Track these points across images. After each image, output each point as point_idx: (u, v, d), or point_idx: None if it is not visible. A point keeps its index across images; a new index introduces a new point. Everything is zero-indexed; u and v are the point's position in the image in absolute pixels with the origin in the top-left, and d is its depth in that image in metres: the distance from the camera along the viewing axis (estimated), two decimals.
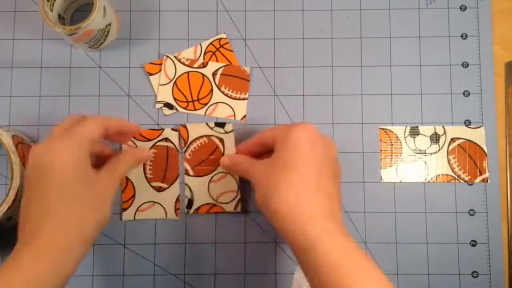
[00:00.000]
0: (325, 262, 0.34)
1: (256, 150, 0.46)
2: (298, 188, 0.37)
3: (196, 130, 0.49)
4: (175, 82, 0.50)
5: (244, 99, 0.50)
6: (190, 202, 0.48)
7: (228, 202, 0.48)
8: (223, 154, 0.49)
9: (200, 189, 0.48)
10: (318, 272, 0.34)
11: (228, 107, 0.50)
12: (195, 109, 0.49)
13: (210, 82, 0.50)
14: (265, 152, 0.45)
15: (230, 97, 0.50)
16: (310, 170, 0.38)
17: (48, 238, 0.35)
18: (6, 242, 0.48)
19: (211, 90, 0.50)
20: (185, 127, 0.49)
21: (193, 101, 0.50)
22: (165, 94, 0.49)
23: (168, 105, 0.49)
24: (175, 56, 0.50)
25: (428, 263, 0.48)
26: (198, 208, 0.48)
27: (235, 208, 0.48)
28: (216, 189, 0.48)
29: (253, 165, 0.43)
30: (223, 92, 0.50)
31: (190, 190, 0.48)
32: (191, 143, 0.49)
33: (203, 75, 0.50)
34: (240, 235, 0.49)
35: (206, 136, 0.49)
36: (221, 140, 0.49)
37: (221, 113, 0.50)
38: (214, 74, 0.50)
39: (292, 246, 0.37)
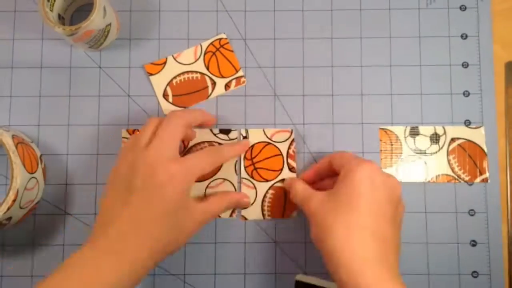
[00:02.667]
0: None
1: (322, 174, 0.46)
2: (353, 232, 0.37)
3: (198, 135, 0.49)
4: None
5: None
6: None
7: None
8: None
9: (197, 194, 0.48)
10: None
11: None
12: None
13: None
14: (329, 175, 0.46)
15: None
16: (368, 214, 0.37)
17: (125, 242, 0.38)
18: (6, 242, 0.48)
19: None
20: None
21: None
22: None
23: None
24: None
25: (428, 263, 0.48)
26: None
27: (231, 215, 0.48)
28: None
29: (310, 197, 0.41)
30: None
31: None
32: (191, 148, 0.49)
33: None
34: (240, 235, 0.49)
35: (208, 142, 0.49)
36: None
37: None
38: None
39: None
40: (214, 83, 0.50)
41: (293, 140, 0.49)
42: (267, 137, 0.49)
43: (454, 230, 0.49)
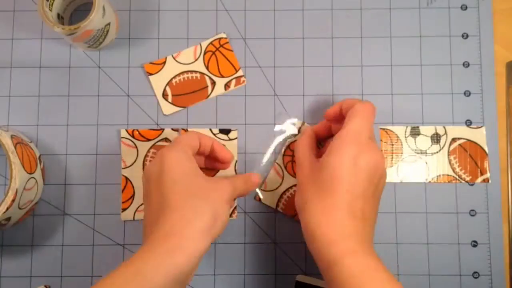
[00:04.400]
0: (346, 281, 0.35)
1: (335, 117, 0.46)
2: (330, 211, 0.38)
3: None
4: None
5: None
6: None
7: None
8: None
9: None
10: None
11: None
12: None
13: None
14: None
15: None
16: (346, 196, 0.38)
17: (165, 227, 0.36)
18: (5, 242, 0.48)
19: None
20: (186, 131, 0.49)
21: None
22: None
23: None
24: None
25: (429, 264, 0.48)
26: None
27: (230, 215, 0.48)
28: None
29: (302, 164, 0.43)
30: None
31: None
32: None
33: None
34: (240, 235, 0.48)
35: None
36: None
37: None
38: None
39: (317, 263, 0.38)
40: (213, 83, 0.50)
41: None
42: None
43: (455, 230, 0.48)
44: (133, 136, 0.49)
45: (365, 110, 0.41)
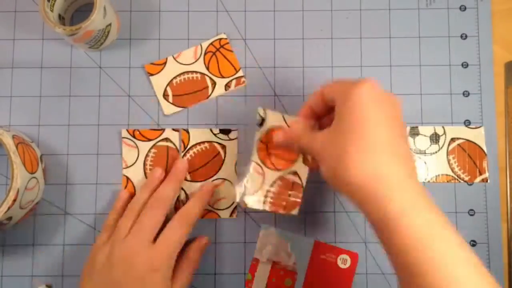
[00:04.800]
0: (410, 241, 0.30)
1: (317, 111, 0.40)
2: (371, 155, 0.32)
3: (198, 135, 0.49)
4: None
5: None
6: None
7: (224, 209, 0.48)
8: (223, 161, 0.49)
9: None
10: (402, 252, 0.31)
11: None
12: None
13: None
14: (324, 113, 0.40)
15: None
16: (382, 132, 0.33)
17: None
18: (8, 241, 0.48)
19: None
20: (187, 131, 0.49)
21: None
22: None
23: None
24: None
25: None
26: None
27: (231, 215, 0.48)
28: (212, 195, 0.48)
29: (313, 138, 0.37)
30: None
31: (186, 195, 0.48)
32: (191, 148, 0.49)
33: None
34: (240, 235, 0.49)
35: (208, 142, 0.49)
36: (223, 147, 0.49)
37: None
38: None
39: (370, 223, 0.33)
40: (214, 83, 0.50)
41: None
42: (287, 124, 0.45)
43: None
44: (134, 136, 0.49)
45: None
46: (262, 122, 0.45)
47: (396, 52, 0.51)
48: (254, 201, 0.44)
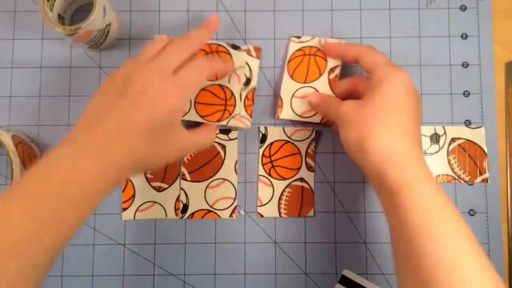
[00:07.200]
0: (416, 206, 0.36)
1: (351, 91, 0.47)
2: (397, 132, 0.39)
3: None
4: None
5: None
6: (185, 207, 0.48)
7: (224, 209, 0.48)
8: (223, 161, 0.49)
9: (196, 194, 0.48)
10: (406, 216, 0.36)
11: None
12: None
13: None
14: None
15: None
16: (409, 117, 0.40)
17: (102, 130, 0.36)
18: None
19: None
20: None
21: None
22: None
23: None
24: None
25: None
26: (193, 213, 0.48)
27: (230, 215, 0.48)
28: (212, 195, 0.48)
29: (341, 105, 0.43)
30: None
31: (186, 195, 0.48)
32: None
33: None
34: (240, 235, 0.49)
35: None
36: (224, 147, 0.49)
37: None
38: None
39: (381, 188, 0.39)
40: None
41: (313, 139, 0.49)
42: (287, 135, 0.49)
43: None
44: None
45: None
46: (263, 138, 0.49)
47: (396, 52, 0.51)
48: (269, 212, 0.49)
